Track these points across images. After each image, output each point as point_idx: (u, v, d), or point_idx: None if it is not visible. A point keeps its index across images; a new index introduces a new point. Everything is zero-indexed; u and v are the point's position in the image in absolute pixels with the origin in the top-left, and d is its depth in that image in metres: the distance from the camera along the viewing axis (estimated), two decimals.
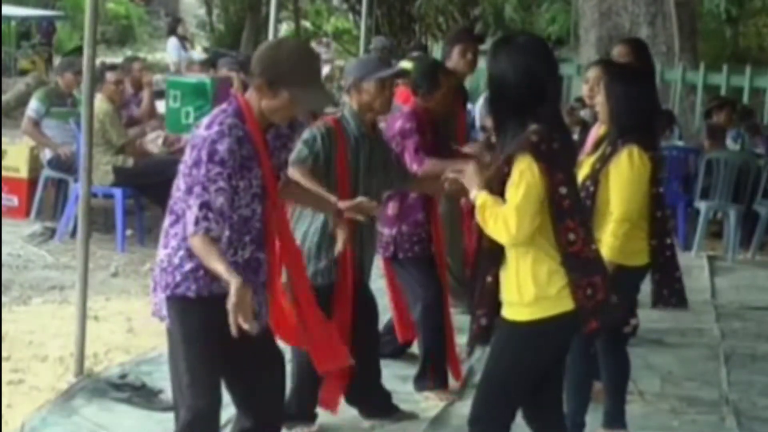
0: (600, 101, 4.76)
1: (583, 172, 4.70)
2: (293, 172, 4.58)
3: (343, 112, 4.89)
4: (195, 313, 3.67)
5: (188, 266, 3.65)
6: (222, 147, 3.55)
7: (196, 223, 3.54)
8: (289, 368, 5.22)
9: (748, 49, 17.32)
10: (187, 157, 3.64)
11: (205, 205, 3.54)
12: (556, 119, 3.79)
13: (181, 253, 3.66)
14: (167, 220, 3.73)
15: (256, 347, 3.76)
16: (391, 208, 5.47)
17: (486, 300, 3.79)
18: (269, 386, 3.91)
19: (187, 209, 3.58)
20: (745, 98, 11.84)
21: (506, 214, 3.61)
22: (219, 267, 3.52)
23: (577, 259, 3.67)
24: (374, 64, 4.93)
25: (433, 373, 5.51)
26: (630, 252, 4.62)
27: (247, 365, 3.82)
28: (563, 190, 3.66)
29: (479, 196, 3.71)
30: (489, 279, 3.77)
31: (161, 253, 3.74)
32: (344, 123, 4.83)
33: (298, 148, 4.71)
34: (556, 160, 3.67)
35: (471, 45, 6.27)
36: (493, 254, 3.75)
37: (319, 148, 4.70)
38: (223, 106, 3.71)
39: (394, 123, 5.55)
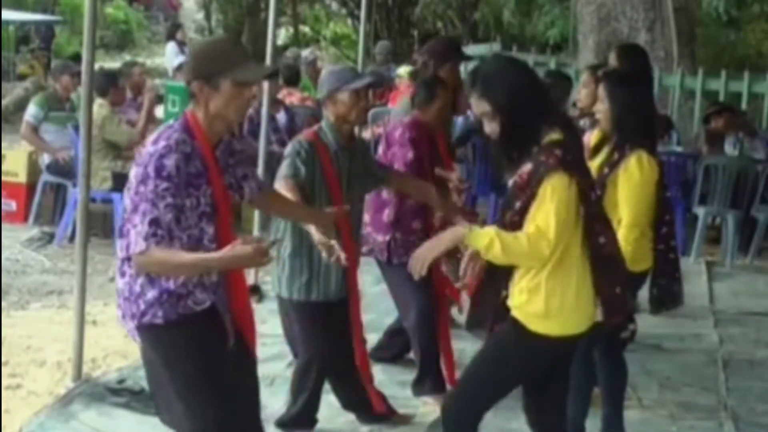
0: (602, 108, 4.75)
1: None
2: (279, 187, 4.59)
3: (321, 125, 4.84)
4: (168, 339, 3.56)
5: (151, 294, 3.51)
6: (169, 162, 3.41)
7: (146, 238, 3.38)
8: (288, 373, 5.28)
9: (747, 55, 17.33)
10: (132, 176, 3.49)
11: (154, 222, 3.39)
12: (569, 123, 3.84)
13: (141, 280, 3.52)
14: (119, 244, 3.55)
15: (236, 363, 3.69)
16: (387, 216, 5.49)
17: (504, 315, 3.79)
18: (248, 400, 3.77)
19: (131, 228, 3.42)
20: (744, 104, 11.85)
21: (542, 229, 3.58)
22: (192, 256, 3.42)
23: (609, 260, 3.73)
24: (348, 75, 4.87)
25: (431, 377, 5.51)
26: (636, 257, 4.63)
27: (229, 382, 3.69)
28: (593, 195, 3.72)
29: (481, 235, 3.62)
30: (505, 293, 3.78)
31: (119, 282, 3.59)
32: (323, 136, 4.79)
33: (283, 164, 4.69)
34: (581, 167, 3.72)
35: (460, 62, 6.33)
36: (508, 269, 3.74)
37: (301, 162, 4.66)
38: (171, 122, 3.59)
39: (395, 132, 5.56)
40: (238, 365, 3.71)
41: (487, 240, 3.61)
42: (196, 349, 3.58)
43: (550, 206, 3.58)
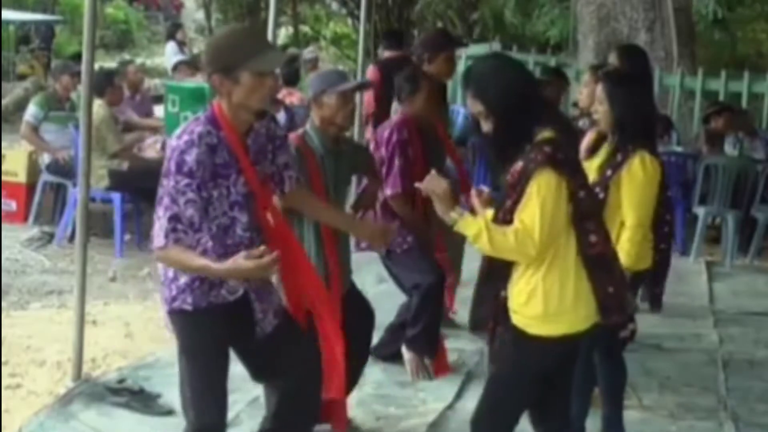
0: (602, 110, 4.73)
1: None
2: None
3: (306, 129, 4.80)
4: (193, 326, 3.59)
5: (183, 279, 3.56)
6: (190, 157, 3.43)
7: (166, 236, 3.44)
8: None
9: (747, 55, 17.35)
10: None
11: (174, 218, 3.44)
12: (565, 122, 3.83)
13: None
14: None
15: (276, 351, 3.72)
16: (380, 211, 5.53)
17: (504, 316, 3.79)
18: (297, 390, 3.80)
19: (156, 220, 3.47)
20: (744, 104, 11.85)
21: (528, 227, 3.59)
22: (201, 263, 3.44)
23: (599, 259, 3.71)
24: (335, 78, 4.84)
25: (424, 338, 5.65)
26: (638, 257, 4.64)
27: (274, 369, 3.77)
28: (582, 194, 3.70)
29: (473, 223, 3.68)
30: (503, 294, 3.78)
31: (159, 266, 3.66)
32: (308, 140, 4.74)
33: None
34: (573, 164, 3.72)
35: (454, 51, 6.40)
36: (505, 270, 3.75)
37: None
38: (199, 113, 3.61)
39: (384, 132, 5.60)
40: (284, 346, 3.72)
41: (475, 230, 3.65)
42: (220, 342, 3.59)
43: (536, 205, 3.59)
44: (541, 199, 3.59)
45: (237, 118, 3.57)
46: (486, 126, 3.74)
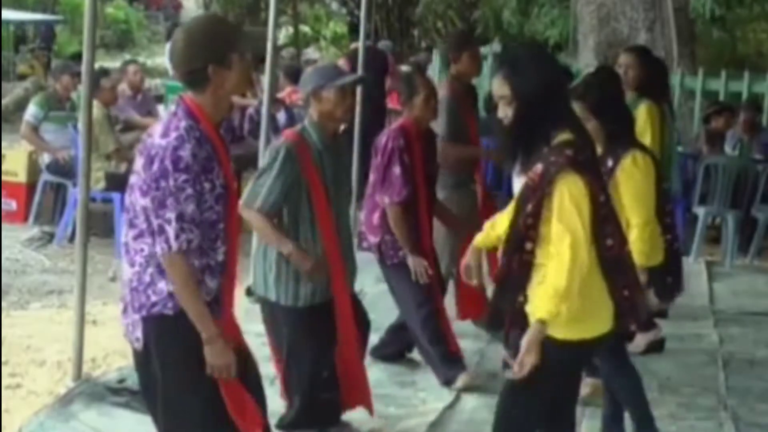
0: (590, 126, 4.61)
1: None
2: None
3: (304, 124, 4.76)
4: (175, 331, 3.48)
5: (161, 284, 3.46)
6: (185, 152, 3.38)
7: (177, 237, 3.37)
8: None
9: (747, 55, 17.35)
10: (140, 168, 3.47)
11: (180, 217, 3.37)
12: (579, 124, 3.81)
13: (151, 270, 3.46)
14: (129, 234, 3.51)
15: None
16: (376, 218, 5.52)
17: (521, 321, 3.73)
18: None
19: (166, 224, 3.39)
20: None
21: (573, 243, 3.53)
22: (197, 310, 3.42)
23: (615, 262, 3.69)
24: (333, 72, 4.83)
25: (449, 363, 5.58)
26: (650, 254, 4.64)
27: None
28: (602, 197, 3.66)
29: (541, 310, 3.60)
30: (521, 299, 3.73)
31: (128, 271, 3.52)
32: (306, 135, 4.71)
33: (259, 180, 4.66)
34: (593, 167, 3.69)
35: (478, 49, 6.44)
36: (523, 275, 3.69)
37: (285, 171, 4.61)
38: (172, 109, 3.54)
39: (382, 138, 5.56)
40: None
41: (550, 307, 3.57)
42: (200, 347, 3.51)
43: (573, 212, 3.53)
44: (575, 204, 3.54)
45: (218, 108, 3.54)
46: (504, 112, 3.67)
